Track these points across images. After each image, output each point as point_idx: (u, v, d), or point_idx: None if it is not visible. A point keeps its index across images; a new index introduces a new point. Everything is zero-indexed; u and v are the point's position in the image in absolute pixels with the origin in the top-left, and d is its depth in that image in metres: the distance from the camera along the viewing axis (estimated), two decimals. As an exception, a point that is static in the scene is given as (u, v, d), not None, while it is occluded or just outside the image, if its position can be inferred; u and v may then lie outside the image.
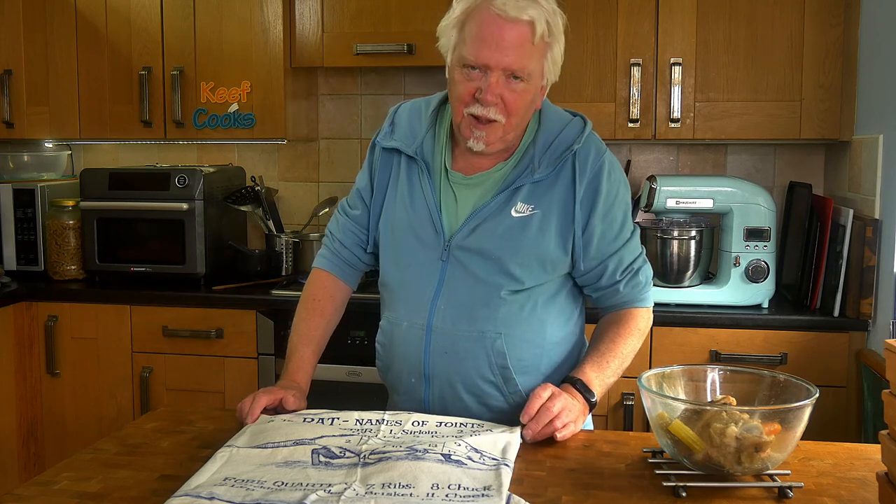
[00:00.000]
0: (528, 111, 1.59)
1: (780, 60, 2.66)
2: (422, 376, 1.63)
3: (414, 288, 1.63)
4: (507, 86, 1.52)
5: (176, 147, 3.43)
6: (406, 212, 1.65)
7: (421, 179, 1.64)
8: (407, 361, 1.64)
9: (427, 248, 1.62)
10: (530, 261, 1.58)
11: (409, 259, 1.64)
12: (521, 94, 1.53)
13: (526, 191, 1.58)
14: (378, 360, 1.75)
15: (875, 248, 2.40)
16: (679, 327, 2.53)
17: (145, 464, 1.36)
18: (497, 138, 1.56)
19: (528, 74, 1.52)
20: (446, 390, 1.62)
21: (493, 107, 1.52)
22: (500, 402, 1.63)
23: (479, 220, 1.58)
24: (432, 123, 1.67)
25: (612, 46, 2.74)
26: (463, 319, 1.59)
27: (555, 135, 1.61)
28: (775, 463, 1.24)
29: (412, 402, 1.66)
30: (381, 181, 1.70)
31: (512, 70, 1.50)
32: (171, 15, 3.03)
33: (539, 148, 1.60)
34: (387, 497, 1.17)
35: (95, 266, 3.02)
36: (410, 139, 1.66)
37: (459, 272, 1.59)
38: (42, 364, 2.93)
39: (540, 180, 1.58)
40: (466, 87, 1.53)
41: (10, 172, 3.32)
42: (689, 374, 1.40)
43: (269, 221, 3.17)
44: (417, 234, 1.63)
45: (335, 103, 3.34)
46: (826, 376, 2.43)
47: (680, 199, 2.58)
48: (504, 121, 1.54)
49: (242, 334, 2.79)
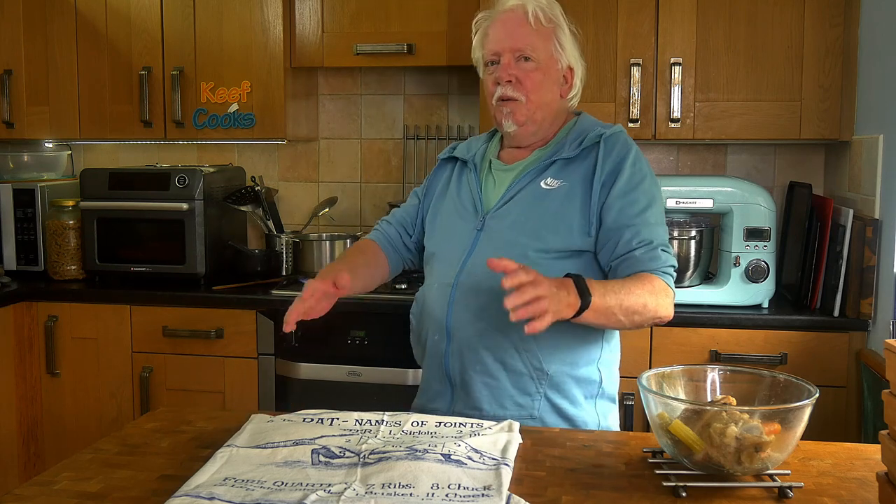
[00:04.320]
0: (549, 94, 1.74)
1: (780, 60, 2.66)
2: (444, 331, 1.69)
3: (448, 253, 1.74)
4: (518, 67, 1.71)
5: (176, 147, 3.43)
6: (453, 200, 1.81)
7: (468, 175, 1.81)
8: (432, 319, 1.72)
9: (466, 222, 1.75)
10: (556, 225, 1.66)
11: (449, 234, 1.77)
12: (533, 72, 1.72)
13: (556, 167, 1.72)
14: (411, 334, 1.83)
15: (875, 248, 2.40)
16: (679, 327, 2.52)
17: (145, 464, 1.36)
18: (525, 116, 1.73)
19: (534, 53, 1.71)
20: (464, 344, 1.68)
21: (509, 85, 1.71)
22: (516, 360, 1.66)
23: (512, 192, 1.72)
24: (487, 140, 1.88)
25: (612, 46, 2.74)
26: (486, 276, 1.61)
27: (588, 129, 1.76)
28: (775, 463, 1.24)
29: (434, 363, 1.73)
30: (434, 183, 1.90)
31: (517, 49, 1.71)
32: (171, 15, 3.03)
33: (571, 136, 1.75)
34: (387, 497, 1.17)
35: (95, 266, 3.02)
36: (467, 152, 1.86)
37: (490, 237, 1.70)
38: (42, 364, 2.93)
39: (569, 158, 1.71)
40: (490, 79, 1.75)
41: (10, 172, 3.32)
42: (689, 374, 1.40)
43: (269, 221, 3.17)
44: (460, 214, 1.77)
45: (335, 103, 3.35)
46: (826, 376, 2.43)
47: (680, 199, 2.58)
48: (524, 99, 1.71)
49: (242, 334, 2.79)
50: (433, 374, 1.76)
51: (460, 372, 1.69)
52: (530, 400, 1.68)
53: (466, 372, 1.69)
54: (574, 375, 1.69)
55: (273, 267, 3.08)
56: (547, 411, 1.68)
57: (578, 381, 1.70)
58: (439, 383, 1.74)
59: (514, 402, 1.67)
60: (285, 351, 2.74)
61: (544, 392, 1.67)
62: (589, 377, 1.71)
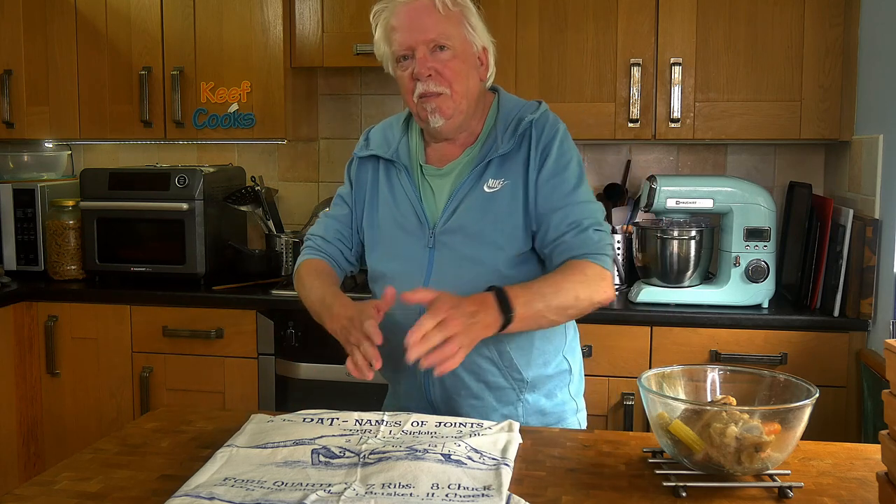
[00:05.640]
0: (471, 81, 1.64)
1: (780, 60, 2.66)
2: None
3: (404, 277, 1.64)
4: (435, 58, 1.61)
5: (176, 147, 3.43)
6: (389, 208, 1.70)
7: (400, 178, 1.70)
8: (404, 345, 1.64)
9: (414, 238, 1.66)
10: (509, 229, 1.61)
11: (397, 251, 1.68)
12: (451, 61, 1.61)
13: (494, 166, 1.64)
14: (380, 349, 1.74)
15: (875, 248, 2.40)
16: (679, 327, 2.53)
17: (145, 464, 1.36)
18: (452, 110, 1.62)
19: (449, 41, 1.61)
20: (446, 374, 1.58)
21: (430, 80, 1.60)
22: (497, 377, 1.65)
23: (456, 202, 1.64)
24: (404, 131, 1.75)
25: (612, 46, 2.74)
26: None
27: (514, 114, 1.68)
28: (775, 463, 1.24)
29: (413, 391, 1.68)
30: (361, 185, 1.77)
31: (430, 40, 1.60)
32: (171, 15, 3.03)
33: (500, 127, 1.67)
34: (387, 497, 1.17)
35: (95, 266, 3.02)
36: (386, 147, 1.74)
37: (447, 255, 1.63)
38: (42, 364, 2.93)
39: (505, 153, 1.64)
40: (406, 76, 1.63)
41: (10, 172, 3.32)
42: (689, 374, 1.40)
43: (269, 221, 3.17)
44: (403, 227, 1.67)
45: (335, 103, 3.34)
46: (826, 376, 2.43)
47: (680, 199, 2.58)
48: (448, 91, 1.61)
49: (242, 334, 2.79)
50: (411, 395, 1.70)
51: (443, 398, 1.67)
52: (513, 409, 1.68)
53: (451, 398, 1.67)
54: (547, 374, 1.70)
55: (273, 267, 3.08)
56: (529, 413, 1.69)
57: (551, 377, 1.71)
58: (418, 403, 1.70)
59: (499, 413, 1.67)
60: (285, 351, 2.74)
61: (524, 397, 1.69)
62: (560, 369, 1.73)
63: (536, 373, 1.68)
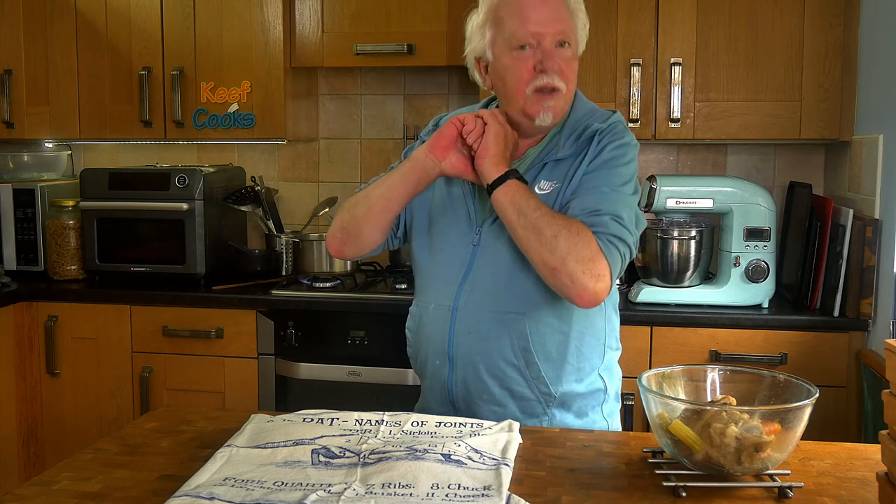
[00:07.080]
0: (576, 82, 1.61)
1: (780, 60, 2.66)
2: (446, 358, 1.63)
3: (444, 271, 1.64)
4: (559, 54, 1.55)
5: (176, 147, 3.43)
6: (442, 200, 1.68)
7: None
8: (432, 343, 1.65)
9: (460, 233, 1.64)
10: None
11: (441, 244, 1.66)
12: (571, 60, 1.58)
13: (548, 169, 1.61)
14: (408, 348, 1.76)
15: (875, 248, 2.40)
16: (679, 327, 2.53)
17: (145, 464, 1.36)
18: (560, 108, 1.59)
19: (571, 38, 1.57)
20: (469, 373, 1.62)
21: (556, 73, 1.54)
22: (523, 387, 1.62)
23: None
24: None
25: (612, 46, 2.74)
26: (488, 300, 1.59)
27: (583, 121, 1.63)
28: (775, 463, 1.24)
29: (437, 387, 1.67)
30: None
31: (561, 34, 1.55)
32: (171, 15, 3.03)
33: (566, 132, 1.62)
34: (387, 497, 1.17)
35: (95, 266, 3.02)
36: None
37: (489, 255, 1.60)
38: (42, 364, 2.93)
39: (562, 159, 1.60)
40: (524, 65, 1.55)
41: (10, 172, 3.31)
42: (689, 374, 1.40)
43: (269, 221, 3.17)
44: (451, 220, 1.66)
45: (335, 103, 3.35)
46: (826, 376, 2.43)
47: (680, 199, 2.58)
48: (565, 89, 1.57)
49: (242, 334, 2.79)
50: (435, 397, 1.70)
51: (465, 400, 1.65)
52: (538, 421, 1.64)
53: (473, 401, 1.64)
54: (580, 391, 1.66)
55: (273, 267, 3.08)
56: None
57: (584, 395, 1.66)
58: (441, 406, 1.69)
59: (522, 424, 1.64)
60: (285, 351, 2.74)
61: (552, 412, 1.65)
62: (594, 388, 1.68)
63: (567, 389, 1.63)
